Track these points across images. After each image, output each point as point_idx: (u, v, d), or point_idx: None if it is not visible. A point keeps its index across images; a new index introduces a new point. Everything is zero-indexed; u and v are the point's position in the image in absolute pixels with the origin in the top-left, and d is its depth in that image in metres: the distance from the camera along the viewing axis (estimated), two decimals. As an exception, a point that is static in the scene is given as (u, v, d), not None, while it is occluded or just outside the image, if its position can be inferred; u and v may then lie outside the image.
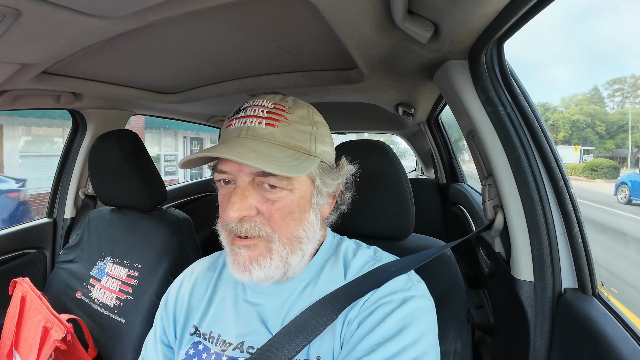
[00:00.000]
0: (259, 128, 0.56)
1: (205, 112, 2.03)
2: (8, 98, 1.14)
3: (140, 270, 1.05)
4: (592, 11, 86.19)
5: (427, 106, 1.69)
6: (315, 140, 0.60)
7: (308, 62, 1.14)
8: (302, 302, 0.60)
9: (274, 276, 0.58)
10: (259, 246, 0.57)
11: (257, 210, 0.56)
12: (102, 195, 1.23)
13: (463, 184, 2.10)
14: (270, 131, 0.56)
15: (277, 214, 0.56)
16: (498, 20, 0.64)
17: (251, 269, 0.56)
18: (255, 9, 0.74)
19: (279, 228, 0.57)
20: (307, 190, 0.60)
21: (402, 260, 0.64)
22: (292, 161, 0.55)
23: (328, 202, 0.65)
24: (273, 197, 0.56)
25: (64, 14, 0.60)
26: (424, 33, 0.73)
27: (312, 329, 0.55)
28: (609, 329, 0.60)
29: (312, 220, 0.61)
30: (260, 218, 0.56)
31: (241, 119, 0.58)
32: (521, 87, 0.82)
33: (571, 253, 0.74)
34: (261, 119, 0.57)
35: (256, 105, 0.59)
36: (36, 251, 1.51)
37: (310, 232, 0.60)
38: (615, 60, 51.89)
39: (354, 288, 0.58)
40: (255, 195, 0.56)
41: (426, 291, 0.60)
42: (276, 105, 0.59)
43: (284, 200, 0.57)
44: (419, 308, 0.55)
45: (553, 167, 0.75)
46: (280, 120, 0.57)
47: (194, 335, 0.65)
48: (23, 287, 1.00)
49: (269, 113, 0.57)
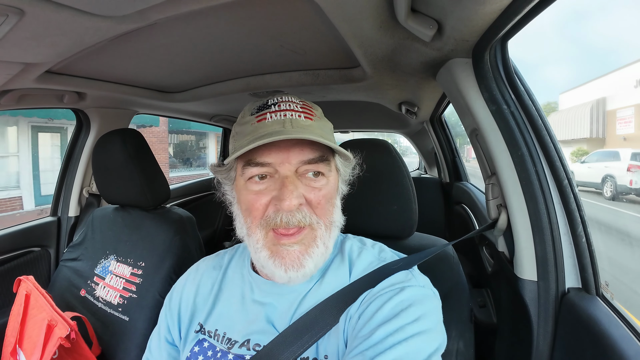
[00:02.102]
0: (301, 120, 0.58)
1: (209, 111, 2.04)
2: (12, 97, 1.14)
3: (144, 269, 1.05)
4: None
5: (430, 105, 1.68)
6: (332, 135, 0.65)
7: (311, 60, 1.14)
8: (309, 301, 0.61)
9: (318, 264, 0.59)
10: (306, 238, 0.58)
11: (305, 199, 0.58)
12: (105, 194, 1.24)
13: (466, 182, 2.10)
14: (310, 124, 0.59)
15: (323, 201, 0.59)
16: (502, 18, 0.64)
17: (304, 261, 0.57)
18: (258, 7, 0.74)
19: (324, 214, 0.59)
20: (336, 178, 0.63)
21: (404, 259, 0.65)
22: (334, 145, 0.58)
23: (346, 188, 0.68)
24: (318, 184, 0.59)
25: (67, 14, 0.60)
26: (427, 31, 0.72)
27: (318, 329, 0.55)
28: (613, 329, 0.59)
29: (339, 204, 0.65)
30: (307, 207, 0.58)
31: (278, 112, 0.59)
32: (525, 86, 0.81)
33: (575, 252, 0.74)
34: (300, 112, 0.59)
35: (288, 101, 0.61)
36: (40, 249, 1.52)
37: (337, 215, 0.63)
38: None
39: (357, 288, 0.59)
40: (301, 184, 0.58)
41: (428, 283, 0.61)
42: (302, 102, 0.62)
43: (327, 187, 0.60)
44: (419, 294, 0.56)
45: (557, 166, 0.75)
46: (314, 115, 0.61)
47: (199, 333, 0.65)
48: (27, 285, 1.00)
49: (302, 108, 0.61)
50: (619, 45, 54.91)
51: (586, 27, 72.81)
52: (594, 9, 69.11)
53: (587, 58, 55.40)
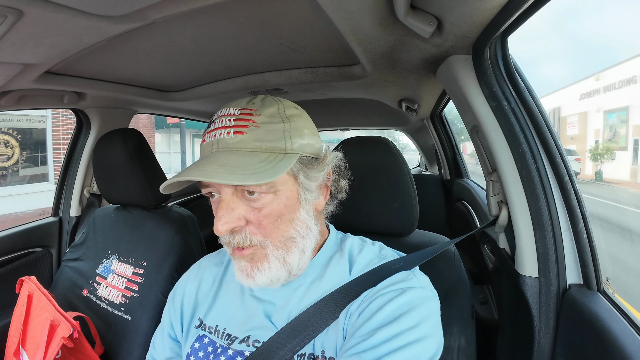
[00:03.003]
0: (228, 138, 0.55)
1: (208, 110, 2.04)
2: (12, 98, 1.14)
3: (146, 268, 1.06)
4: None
5: (430, 102, 1.68)
6: (290, 136, 0.57)
7: (310, 58, 1.13)
8: (308, 298, 0.61)
9: (279, 278, 0.58)
10: (256, 254, 0.57)
11: (246, 220, 0.56)
12: (107, 194, 1.24)
13: (467, 179, 2.09)
14: (240, 139, 0.54)
15: (266, 221, 0.55)
16: (502, 14, 0.63)
17: (254, 275, 0.57)
18: (257, 5, 0.74)
19: (270, 233, 0.56)
20: (292, 189, 0.58)
21: (405, 258, 0.65)
22: (265, 165, 0.53)
23: (318, 195, 0.63)
24: (258, 204, 0.55)
25: (66, 14, 0.60)
26: (426, 28, 0.72)
27: (316, 326, 0.56)
28: (614, 324, 0.59)
29: (304, 217, 0.60)
30: (251, 227, 0.56)
31: (212, 132, 0.57)
32: (525, 82, 0.81)
33: (576, 249, 0.74)
34: (229, 128, 0.55)
35: (223, 115, 0.57)
36: (42, 250, 1.52)
37: (303, 230, 0.59)
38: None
39: (357, 285, 0.59)
40: (241, 205, 0.55)
41: (428, 284, 0.61)
42: (243, 110, 0.57)
43: (270, 206, 0.56)
44: (419, 297, 0.56)
45: (558, 162, 0.75)
46: (248, 126, 0.55)
47: (199, 329, 0.66)
48: (30, 285, 1.01)
49: (236, 120, 0.56)
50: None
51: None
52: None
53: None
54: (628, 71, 9.23)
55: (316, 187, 0.62)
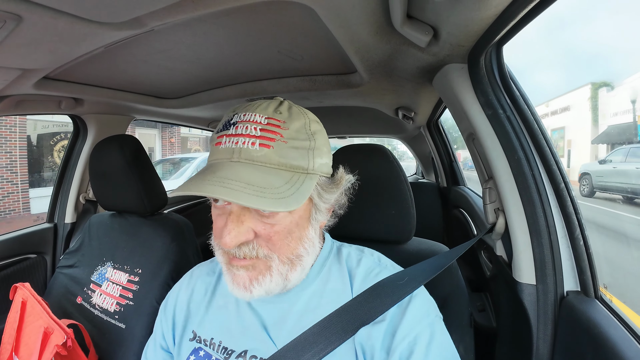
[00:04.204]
0: (253, 150, 0.51)
1: (206, 117, 2.04)
2: (9, 103, 1.14)
3: (141, 276, 1.05)
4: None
5: (427, 110, 1.69)
6: (312, 155, 0.55)
7: (308, 66, 1.14)
8: (309, 315, 0.59)
9: (274, 291, 0.56)
10: (257, 265, 0.55)
11: (254, 233, 0.53)
12: (102, 200, 1.23)
13: (464, 187, 2.10)
14: (265, 153, 0.51)
15: (277, 237, 0.54)
16: (497, 23, 0.64)
17: (252, 288, 0.55)
18: (255, 14, 0.75)
19: (279, 249, 0.55)
20: (306, 209, 0.57)
21: (408, 271, 0.63)
22: (291, 188, 0.51)
23: (327, 215, 0.63)
24: (272, 221, 0.53)
25: (65, 20, 0.61)
26: (423, 37, 0.73)
27: (322, 346, 0.54)
28: (612, 331, 0.59)
29: (312, 235, 0.59)
30: (258, 240, 0.54)
31: (232, 137, 0.53)
32: (520, 90, 0.82)
33: (573, 255, 0.74)
34: (254, 138, 0.52)
35: (249, 121, 0.53)
36: (37, 256, 1.51)
37: (310, 248, 0.58)
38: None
39: (365, 305, 0.57)
40: (251, 218, 0.53)
41: (434, 304, 0.61)
42: (270, 120, 0.53)
43: (283, 222, 0.54)
44: (443, 331, 0.56)
45: (554, 169, 0.75)
46: (275, 140, 0.52)
47: (194, 341, 0.64)
48: (24, 292, 0.99)
49: (262, 131, 0.52)
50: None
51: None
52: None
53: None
54: (565, 101, 12.80)
55: (326, 209, 0.61)
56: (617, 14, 31.25)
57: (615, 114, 9.70)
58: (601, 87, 11.63)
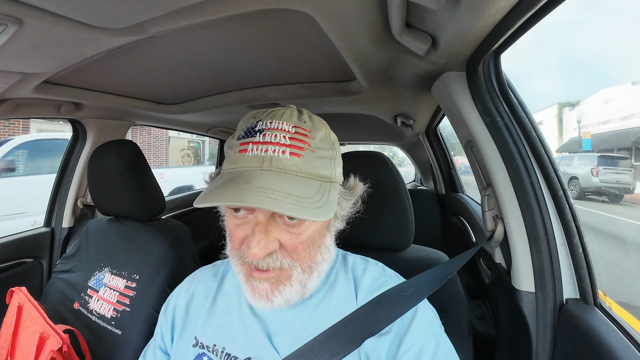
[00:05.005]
0: (284, 159, 0.51)
1: (206, 123, 2.05)
2: (9, 107, 1.14)
3: (138, 281, 1.04)
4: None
5: (425, 117, 1.70)
6: (334, 164, 0.57)
7: (308, 73, 1.15)
8: (316, 322, 0.59)
9: (293, 300, 0.57)
10: (281, 275, 0.55)
11: (280, 243, 0.53)
12: (100, 205, 1.23)
13: (462, 194, 2.11)
14: (295, 162, 0.51)
15: (301, 247, 0.54)
16: (495, 32, 0.65)
17: (273, 298, 0.55)
18: (256, 22, 0.75)
19: (301, 258, 0.55)
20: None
21: (413, 282, 0.63)
22: (321, 197, 0.51)
23: (343, 223, 0.64)
24: (298, 230, 0.53)
25: (66, 25, 0.61)
26: (421, 45, 0.74)
27: (327, 357, 0.54)
28: (612, 339, 0.59)
29: (329, 243, 0.60)
30: (282, 250, 0.54)
31: (261, 144, 0.51)
32: (518, 98, 0.83)
33: (572, 263, 0.74)
34: (284, 147, 0.51)
35: (277, 129, 0.52)
36: (33, 260, 1.50)
37: (326, 255, 0.59)
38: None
39: (370, 316, 0.57)
40: (277, 228, 0.53)
41: (436, 316, 0.61)
42: (297, 128, 0.53)
43: (308, 231, 0.54)
44: (447, 341, 0.56)
45: (552, 177, 0.76)
46: (304, 149, 0.52)
47: (197, 347, 0.63)
48: (20, 296, 0.99)
49: (291, 139, 0.52)
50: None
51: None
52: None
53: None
54: (539, 117, 13.98)
55: (342, 217, 0.62)
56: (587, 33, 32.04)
57: (574, 129, 14.02)
58: (565, 107, 15.65)
